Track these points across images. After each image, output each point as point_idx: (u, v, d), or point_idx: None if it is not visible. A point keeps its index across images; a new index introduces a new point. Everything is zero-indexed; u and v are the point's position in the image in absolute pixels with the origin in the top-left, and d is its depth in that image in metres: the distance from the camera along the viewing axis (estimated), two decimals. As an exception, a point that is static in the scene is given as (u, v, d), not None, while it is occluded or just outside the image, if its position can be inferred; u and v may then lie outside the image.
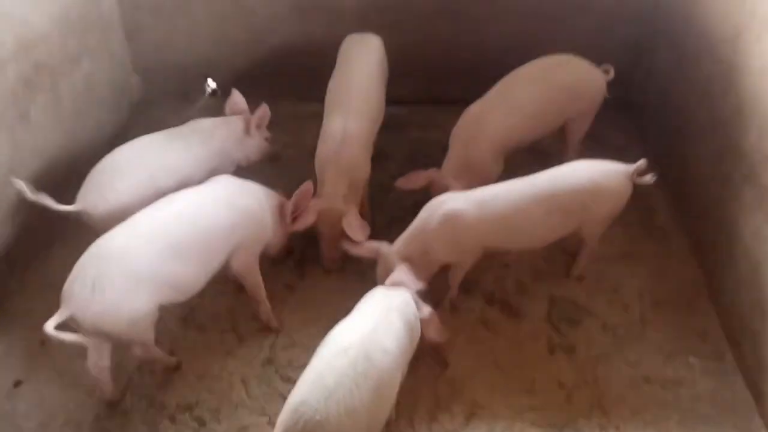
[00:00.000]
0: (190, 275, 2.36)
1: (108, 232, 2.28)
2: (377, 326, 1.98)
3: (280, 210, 2.72)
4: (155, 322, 2.32)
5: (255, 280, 2.64)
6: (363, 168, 2.88)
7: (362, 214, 2.85)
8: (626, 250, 3.08)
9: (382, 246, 2.58)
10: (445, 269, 2.69)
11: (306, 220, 2.70)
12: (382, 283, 2.41)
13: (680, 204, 3.26)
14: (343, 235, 2.72)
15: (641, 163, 2.57)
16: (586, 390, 2.52)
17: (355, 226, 2.68)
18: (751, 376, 2.53)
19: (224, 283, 2.88)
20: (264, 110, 3.04)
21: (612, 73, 3.09)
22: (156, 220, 2.35)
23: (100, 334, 2.19)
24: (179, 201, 2.46)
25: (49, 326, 2.06)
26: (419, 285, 2.39)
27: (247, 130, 3.00)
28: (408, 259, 2.52)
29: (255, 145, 3.05)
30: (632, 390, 2.52)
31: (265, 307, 2.69)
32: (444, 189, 2.71)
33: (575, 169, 2.61)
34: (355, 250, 2.63)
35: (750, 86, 2.65)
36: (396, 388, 2.02)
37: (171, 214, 2.38)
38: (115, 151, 2.78)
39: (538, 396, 2.49)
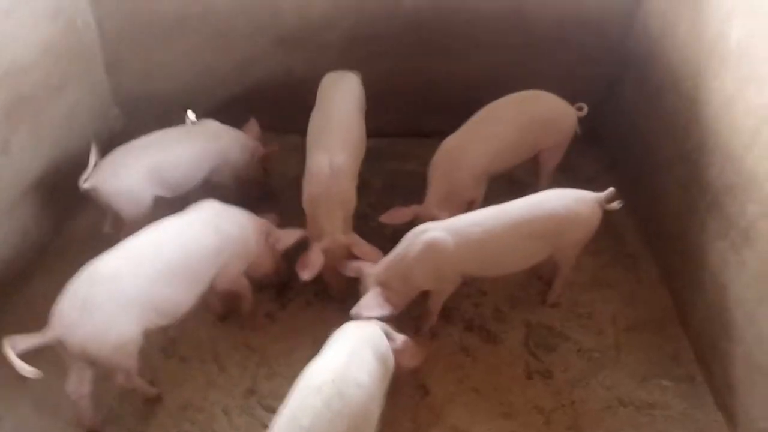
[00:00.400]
0: (178, 299, 2.41)
1: (99, 257, 2.32)
2: (349, 362, 1.98)
3: (266, 235, 2.78)
4: (139, 350, 2.34)
5: (243, 288, 2.75)
6: (352, 200, 2.94)
7: None
8: (598, 277, 3.18)
9: (364, 266, 2.67)
10: (424, 295, 2.75)
11: (315, 265, 2.69)
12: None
13: (649, 232, 3.39)
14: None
15: (610, 191, 2.69)
16: (563, 413, 2.58)
17: (367, 252, 2.77)
18: (721, 398, 2.62)
19: (205, 312, 2.90)
20: (274, 148, 3.25)
21: (585, 110, 3.23)
22: (146, 245, 2.40)
23: (85, 357, 2.19)
24: (168, 227, 2.51)
25: (20, 344, 2.05)
26: (387, 310, 2.46)
27: (251, 154, 3.21)
28: (387, 284, 2.59)
29: (253, 167, 3.23)
30: (608, 413, 2.59)
31: (251, 305, 2.82)
32: (429, 220, 2.76)
33: (550, 196, 2.71)
34: (342, 271, 2.74)
35: (711, 120, 2.80)
36: (374, 422, 2.02)
37: (161, 240, 2.43)
38: (129, 143, 3.05)
39: (517, 420, 2.54)
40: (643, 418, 2.58)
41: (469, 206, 3.00)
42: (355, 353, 2.02)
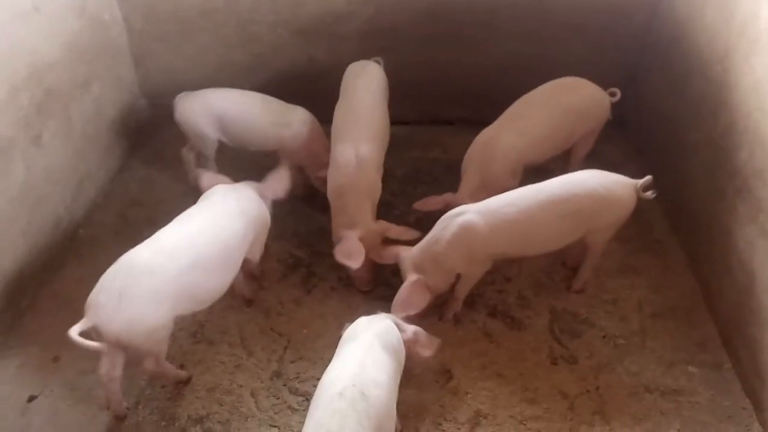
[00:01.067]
0: (212, 286, 2.48)
1: (134, 249, 2.39)
2: (365, 363, 1.98)
3: (270, 196, 2.90)
4: (169, 336, 2.40)
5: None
6: (378, 189, 2.97)
7: None
8: (625, 263, 3.15)
9: (402, 251, 2.71)
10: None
11: (359, 252, 2.70)
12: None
13: (676, 218, 3.35)
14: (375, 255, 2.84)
15: (647, 179, 2.66)
16: (588, 399, 2.57)
17: (402, 232, 2.82)
18: (749, 384, 2.59)
19: (232, 298, 2.94)
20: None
21: (618, 96, 3.20)
22: (179, 236, 2.45)
23: (120, 344, 2.26)
24: (198, 217, 2.58)
25: (74, 332, 2.16)
26: (425, 304, 2.55)
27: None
28: (422, 267, 2.62)
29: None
30: (633, 399, 2.57)
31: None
32: None
33: (589, 176, 2.68)
34: (379, 259, 2.78)
35: (741, 104, 2.75)
36: (394, 415, 2.03)
37: (193, 230, 2.49)
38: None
39: (541, 405, 2.54)
40: (669, 404, 2.56)
41: None
42: (369, 353, 2.03)
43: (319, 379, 2.04)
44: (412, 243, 2.77)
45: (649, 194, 2.66)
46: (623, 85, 3.72)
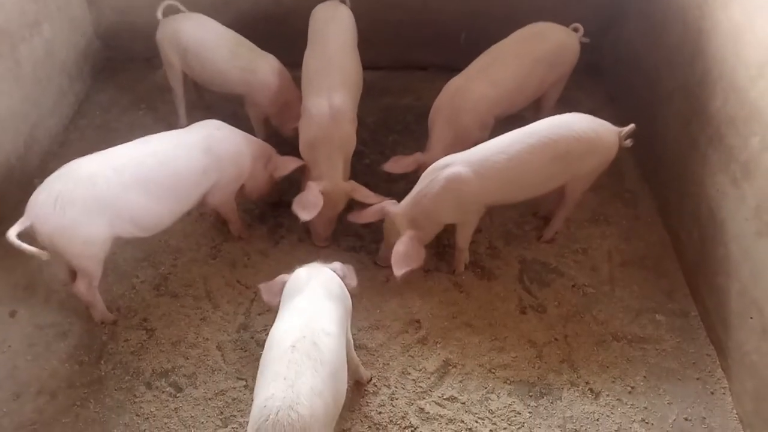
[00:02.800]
0: (155, 212, 2.44)
1: (85, 157, 2.36)
2: (312, 315, 1.96)
3: (267, 160, 2.82)
4: (105, 257, 2.40)
5: (230, 211, 2.81)
6: (353, 142, 2.86)
7: None
8: (596, 213, 3.14)
9: (387, 205, 2.65)
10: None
11: (315, 205, 2.63)
12: (389, 239, 2.62)
13: (648, 167, 3.33)
14: (338, 212, 2.80)
15: (631, 127, 2.61)
16: (556, 347, 2.59)
17: (370, 195, 2.74)
18: (714, 332, 2.62)
19: (196, 251, 2.86)
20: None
21: (581, 31, 3.12)
22: (129, 154, 2.41)
23: (54, 248, 2.24)
24: (156, 140, 2.52)
25: (12, 233, 2.16)
26: (421, 260, 2.55)
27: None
28: (412, 221, 2.58)
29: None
30: (601, 347, 2.60)
31: (236, 225, 2.90)
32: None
33: (576, 118, 2.62)
34: (361, 219, 2.71)
35: (717, 51, 2.69)
36: (345, 360, 2.02)
37: (144, 151, 2.43)
38: None
39: (510, 354, 2.55)
40: (636, 352, 2.59)
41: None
42: (314, 305, 2.01)
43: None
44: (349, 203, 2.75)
45: (628, 142, 2.63)
46: (599, 32, 3.64)
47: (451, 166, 2.54)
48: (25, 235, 2.21)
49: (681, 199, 2.94)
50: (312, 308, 1.99)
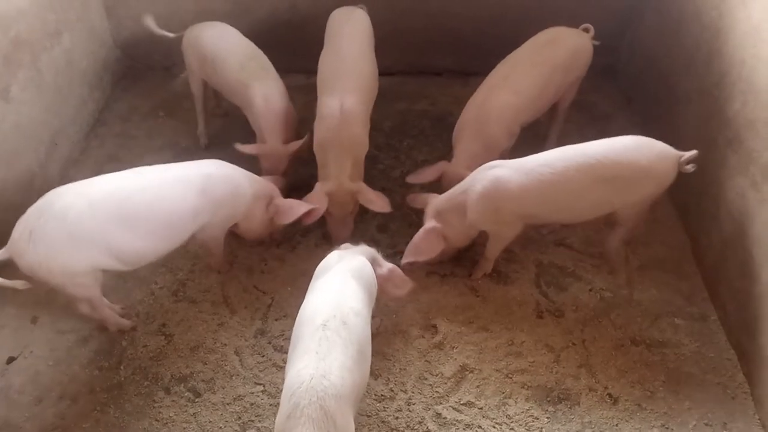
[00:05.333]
0: (139, 248, 2.34)
1: (65, 186, 2.31)
2: (342, 295, 2.05)
3: (268, 201, 2.71)
4: (99, 283, 2.37)
5: (216, 246, 2.73)
6: (364, 144, 2.86)
7: None
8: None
9: (429, 197, 2.69)
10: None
11: (318, 208, 2.66)
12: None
13: (666, 170, 3.29)
14: (352, 213, 2.82)
15: (693, 153, 2.49)
16: (574, 352, 2.57)
17: (374, 200, 2.74)
18: (735, 336, 2.59)
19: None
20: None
21: (592, 31, 3.10)
22: (112, 187, 2.31)
23: (37, 279, 2.23)
24: (149, 174, 2.42)
25: None
26: (437, 252, 2.57)
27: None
28: (445, 218, 2.59)
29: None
30: (619, 352, 2.57)
31: (218, 259, 2.80)
32: (457, 179, 2.70)
33: (632, 142, 2.53)
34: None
35: (735, 52, 2.66)
36: (370, 339, 2.10)
37: (133, 186, 2.34)
38: None
39: (527, 359, 2.54)
40: (655, 356, 2.56)
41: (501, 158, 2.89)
42: (343, 286, 2.10)
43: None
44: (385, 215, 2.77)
45: (690, 168, 2.50)
46: (615, 33, 3.63)
47: (498, 169, 2.53)
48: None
49: (700, 202, 2.91)
50: (341, 288, 2.09)
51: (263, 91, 3.01)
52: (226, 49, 3.15)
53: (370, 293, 2.20)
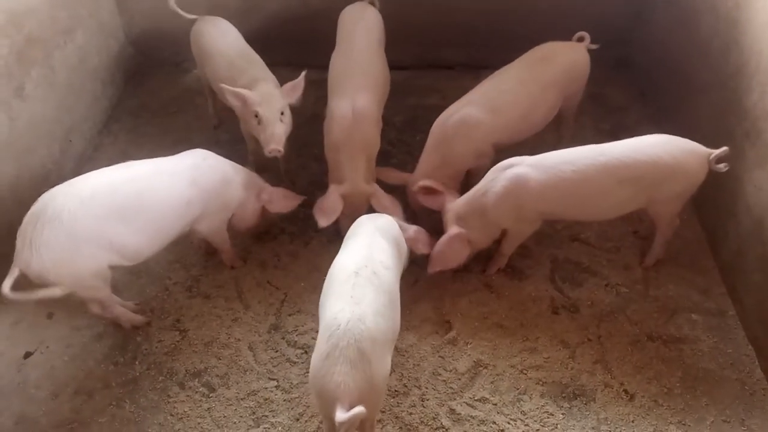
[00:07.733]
0: (138, 242, 2.35)
1: (57, 188, 2.30)
2: (371, 250, 2.18)
3: (257, 191, 2.73)
4: (108, 283, 2.38)
5: (221, 241, 2.74)
6: (376, 144, 2.84)
7: None
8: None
9: (448, 200, 2.68)
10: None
11: (334, 211, 2.64)
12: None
13: (681, 163, 3.25)
14: (363, 213, 2.73)
15: (723, 150, 2.45)
16: (589, 348, 2.55)
17: (387, 204, 2.70)
18: (752, 331, 2.56)
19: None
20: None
21: (588, 39, 2.98)
22: (103, 182, 2.31)
23: (49, 284, 2.22)
24: (137, 167, 2.42)
25: (6, 288, 2.13)
26: (464, 257, 2.60)
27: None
28: (466, 220, 2.56)
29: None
30: (635, 348, 2.55)
31: (228, 254, 2.82)
32: (414, 190, 2.71)
33: (656, 141, 2.51)
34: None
35: (753, 42, 2.62)
36: (398, 297, 2.18)
37: (122, 178, 2.34)
38: None
39: (542, 355, 2.52)
40: (672, 352, 2.54)
41: (470, 176, 2.84)
42: (373, 242, 2.23)
43: (317, 331, 2.00)
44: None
45: (722, 167, 2.46)
46: (628, 24, 3.58)
47: (516, 167, 2.50)
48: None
49: (717, 196, 2.87)
50: (371, 245, 2.21)
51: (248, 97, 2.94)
52: (219, 46, 3.09)
53: (398, 250, 2.34)
